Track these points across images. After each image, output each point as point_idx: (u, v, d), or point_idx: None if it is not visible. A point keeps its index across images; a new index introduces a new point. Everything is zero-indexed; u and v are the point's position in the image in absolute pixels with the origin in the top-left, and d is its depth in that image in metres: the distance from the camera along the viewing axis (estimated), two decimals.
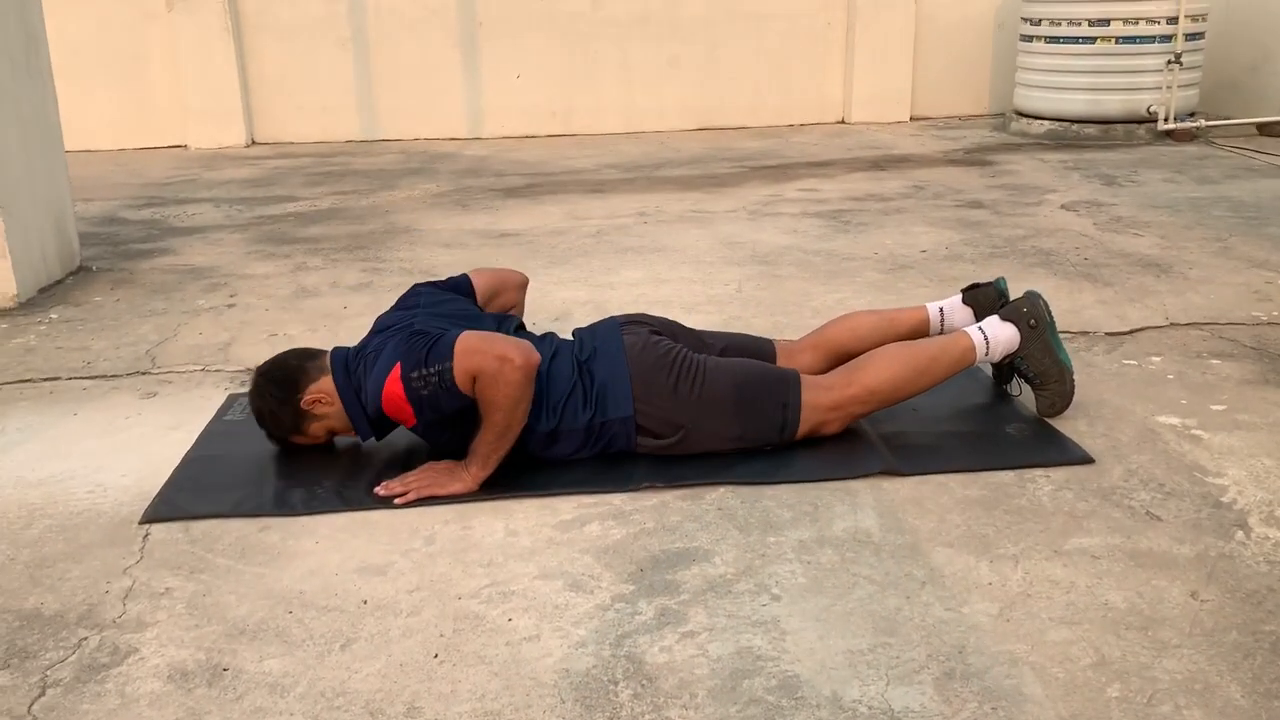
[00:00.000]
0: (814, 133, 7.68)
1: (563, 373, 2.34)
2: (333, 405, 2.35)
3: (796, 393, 2.38)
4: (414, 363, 2.19)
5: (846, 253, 4.20)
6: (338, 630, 1.79)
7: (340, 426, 2.39)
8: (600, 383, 2.34)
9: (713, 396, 2.34)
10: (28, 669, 1.70)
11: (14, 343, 3.34)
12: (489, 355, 2.15)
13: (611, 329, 2.47)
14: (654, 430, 2.34)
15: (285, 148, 7.55)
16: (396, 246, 4.49)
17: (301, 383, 2.36)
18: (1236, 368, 2.85)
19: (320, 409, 2.35)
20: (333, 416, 2.36)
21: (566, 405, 2.31)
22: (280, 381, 2.38)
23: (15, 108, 3.72)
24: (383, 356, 2.25)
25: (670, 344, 2.42)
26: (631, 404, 2.32)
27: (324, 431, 2.40)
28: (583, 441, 2.34)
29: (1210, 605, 1.80)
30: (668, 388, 2.33)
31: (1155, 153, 6.35)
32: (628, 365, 2.35)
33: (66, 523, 2.17)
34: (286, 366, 2.41)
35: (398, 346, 2.24)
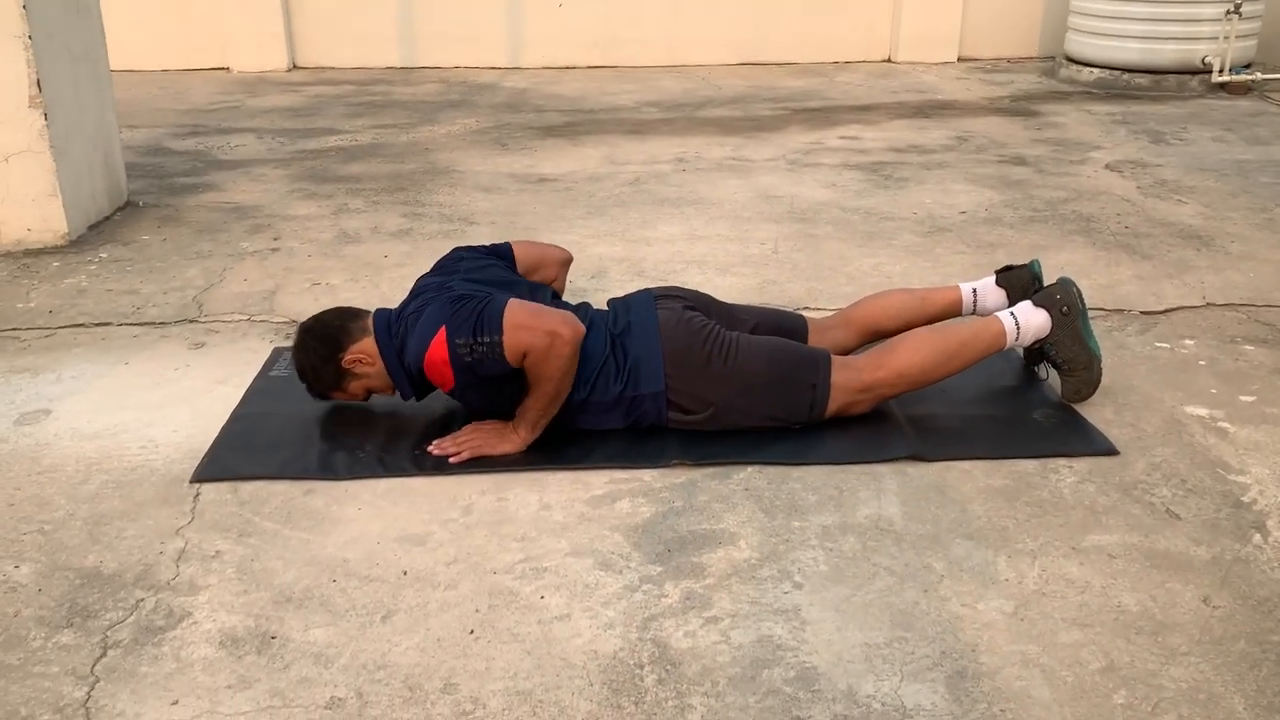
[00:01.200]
0: (859, 72, 7.57)
1: (596, 346, 2.39)
2: (373, 365, 2.41)
3: (826, 373, 2.42)
4: (460, 329, 2.24)
5: (885, 211, 4.19)
6: (379, 601, 1.88)
7: (379, 386, 2.46)
8: (633, 357, 2.39)
9: (744, 374, 2.39)
10: (90, 629, 1.81)
11: (66, 283, 3.43)
12: (539, 331, 2.21)
13: (646, 302, 2.51)
14: (685, 406, 2.39)
15: (326, 73, 7.54)
16: (436, 189, 4.53)
17: (344, 342, 2.42)
18: (1269, 355, 2.85)
19: (361, 368, 2.41)
20: (373, 376, 2.43)
21: (599, 378, 2.37)
22: (324, 339, 2.43)
23: (66, 47, 3.76)
24: (424, 319, 2.30)
25: (704, 320, 2.46)
26: (663, 379, 2.37)
27: (363, 390, 2.47)
28: (613, 413, 2.40)
29: (1221, 612, 1.85)
30: (700, 364, 2.38)
31: (1207, 107, 6.22)
32: (661, 341, 2.40)
33: (122, 479, 2.27)
34: (330, 325, 2.46)
35: (442, 310, 2.29)
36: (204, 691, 1.67)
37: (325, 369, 2.44)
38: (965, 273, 3.48)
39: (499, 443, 2.32)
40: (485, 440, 2.33)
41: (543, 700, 1.65)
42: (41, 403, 2.61)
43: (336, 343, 2.42)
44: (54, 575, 1.95)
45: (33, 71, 3.54)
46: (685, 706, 1.64)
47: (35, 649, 1.76)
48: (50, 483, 2.26)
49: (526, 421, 2.32)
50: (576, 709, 1.63)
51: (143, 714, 1.62)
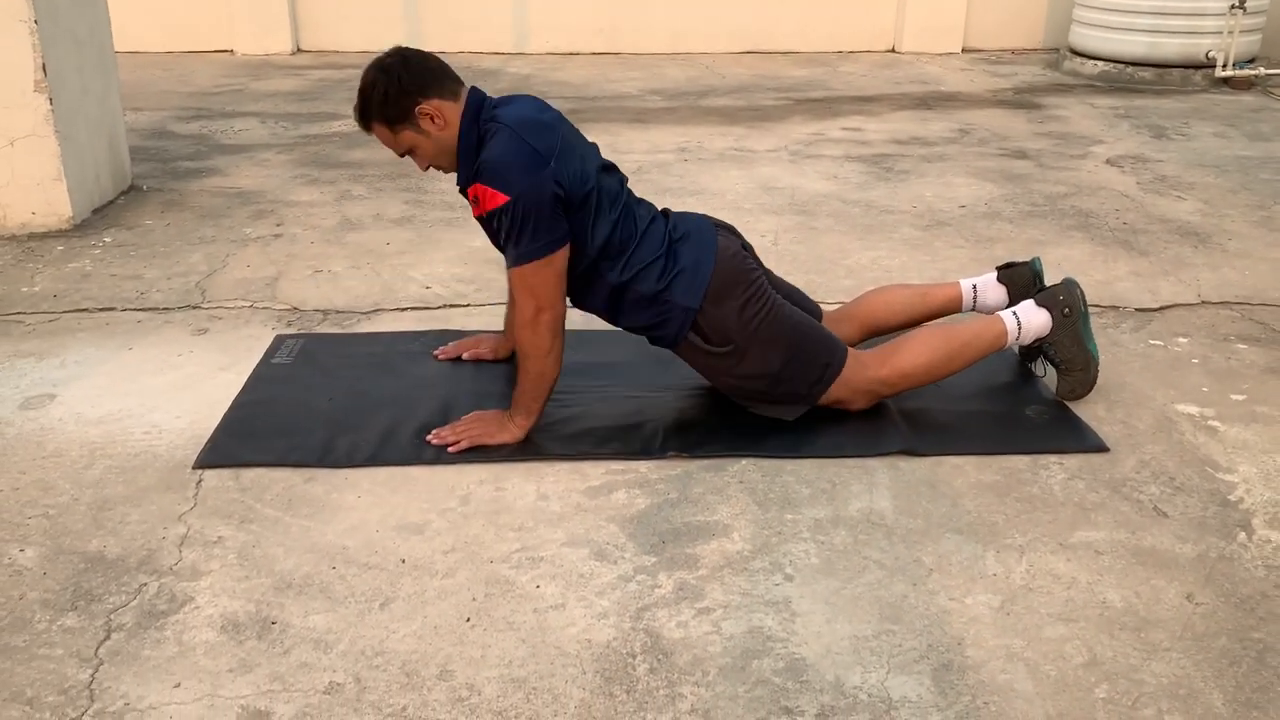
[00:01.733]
0: (863, 62, 7.57)
1: (653, 241, 2.38)
2: (443, 130, 2.26)
3: (841, 361, 2.44)
4: (513, 216, 2.19)
5: (885, 204, 4.21)
6: (377, 589, 1.92)
7: (427, 153, 2.31)
8: (681, 266, 2.37)
9: (771, 330, 2.39)
10: (93, 612, 1.85)
11: (70, 267, 3.46)
12: (535, 296, 2.25)
13: (708, 224, 2.49)
14: (707, 334, 2.39)
15: (330, 57, 7.55)
16: (438, 176, 4.53)
17: (432, 88, 2.24)
18: (1262, 354, 2.88)
19: (428, 124, 2.25)
20: (431, 142, 2.28)
21: (645, 270, 2.35)
22: (419, 73, 2.25)
23: (71, 31, 3.78)
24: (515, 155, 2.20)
25: (755, 265, 2.48)
26: (701, 299, 2.36)
27: (408, 145, 2.30)
28: (640, 307, 2.38)
29: (1204, 609, 1.88)
30: (737, 303, 2.38)
31: (1210, 102, 6.22)
32: (714, 265, 2.38)
33: (125, 464, 2.31)
34: (430, 66, 2.28)
35: (527, 176, 2.19)
36: (205, 675, 1.70)
37: (400, 101, 2.23)
38: (964, 267, 3.50)
39: (497, 432, 2.36)
40: (484, 430, 2.36)
41: (536, 688, 1.69)
42: (46, 387, 2.64)
43: (426, 85, 2.24)
44: (58, 559, 1.99)
45: (38, 56, 3.56)
46: (676, 695, 1.67)
47: (40, 631, 1.80)
48: (55, 467, 2.29)
49: (520, 408, 2.36)
50: (569, 697, 1.67)
51: (145, 696, 1.66)
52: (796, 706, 1.65)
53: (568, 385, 2.53)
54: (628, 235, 2.37)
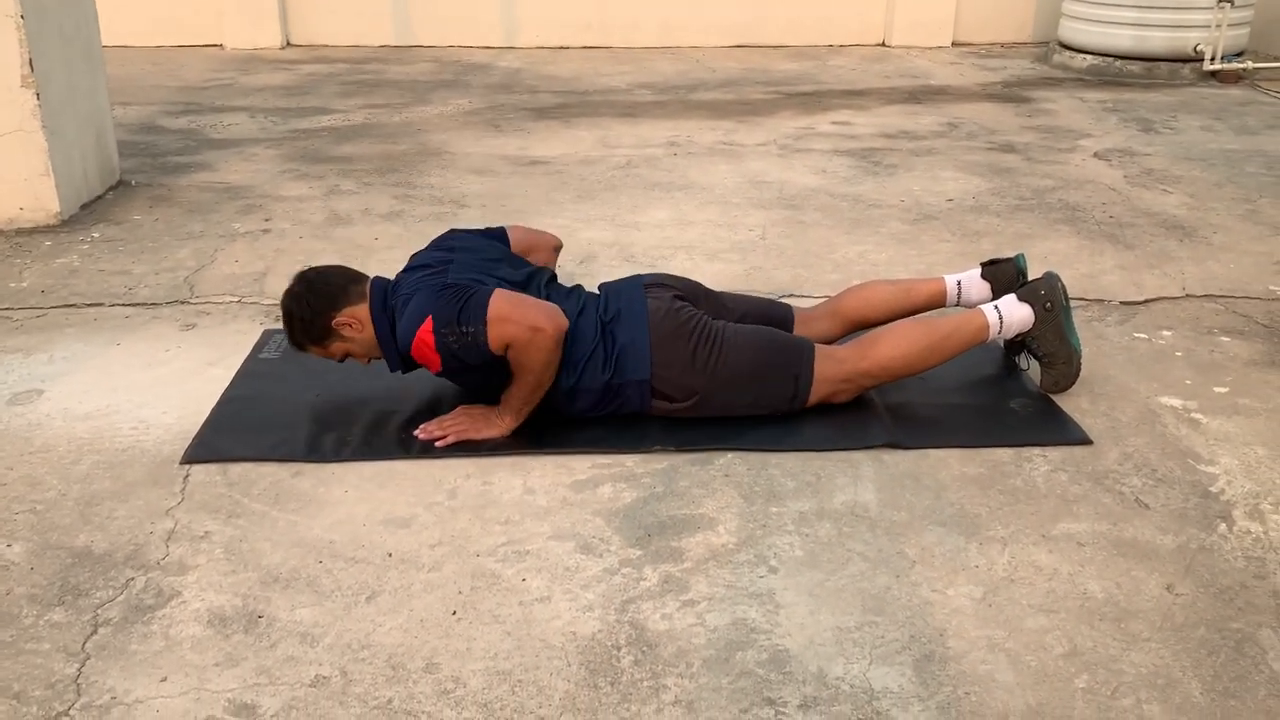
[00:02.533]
0: (852, 55, 7.58)
1: (586, 332, 2.43)
2: (362, 332, 2.39)
3: (810, 364, 2.46)
4: (446, 319, 2.27)
5: (873, 198, 4.22)
6: (364, 582, 1.93)
7: (360, 353, 2.44)
8: (621, 345, 2.42)
9: (728, 365, 2.42)
10: (80, 607, 1.85)
11: (58, 262, 3.46)
12: (521, 325, 2.25)
13: (636, 290, 2.53)
14: (668, 394, 2.43)
15: (320, 51, 7.54)
16: (428, 171, 4.55)
17: (340, 301, 2.39)
18: (1245, 347, 2.90)
19: (348, 331, 2.39)
20: (357, 342, 2.41)
21: (587, 364, 2.41)
22: (321, 294, 2.40)
23: (58, 26, 3.77)
24: (413, 304, 2.33)
25: (691, 311, 2.49)
26: (649, 368, 2.41)
27: (341, 353, 2.44)
28: (598, 400, 2.44)
29: (1184, 599, 1.90)
30: (686, 355, 2.42)
31: (1198, 95, 6.25)
32: (649, 330, 2.43)
33: (113, 460, 2.31)
34: (331, 282, 2.43)
35: (430, 299, 2.31)
36: (192, 669, 1.71)
37: (315, 323, 2.40)
38: (950, 261, 3.52)
39: (484, 428, 2.37)
40: (471, 425, 2.37)
41: (521, 680, 1.70)
42: (34, 383, 2.65)
43: (333, 300, 2.39)
44: (46, 554, 2.00)
45: (25, 51, 3.56)
46: (660, 687, 1.69)
47: (27, 626, 1.81)
48: (42, 463, 2.30)
49: (511, 409, 2.37)
50: (554, 689, 1.68)
51: (132, 690, 1.67)
52: (779, 698, 1.67)
53: None
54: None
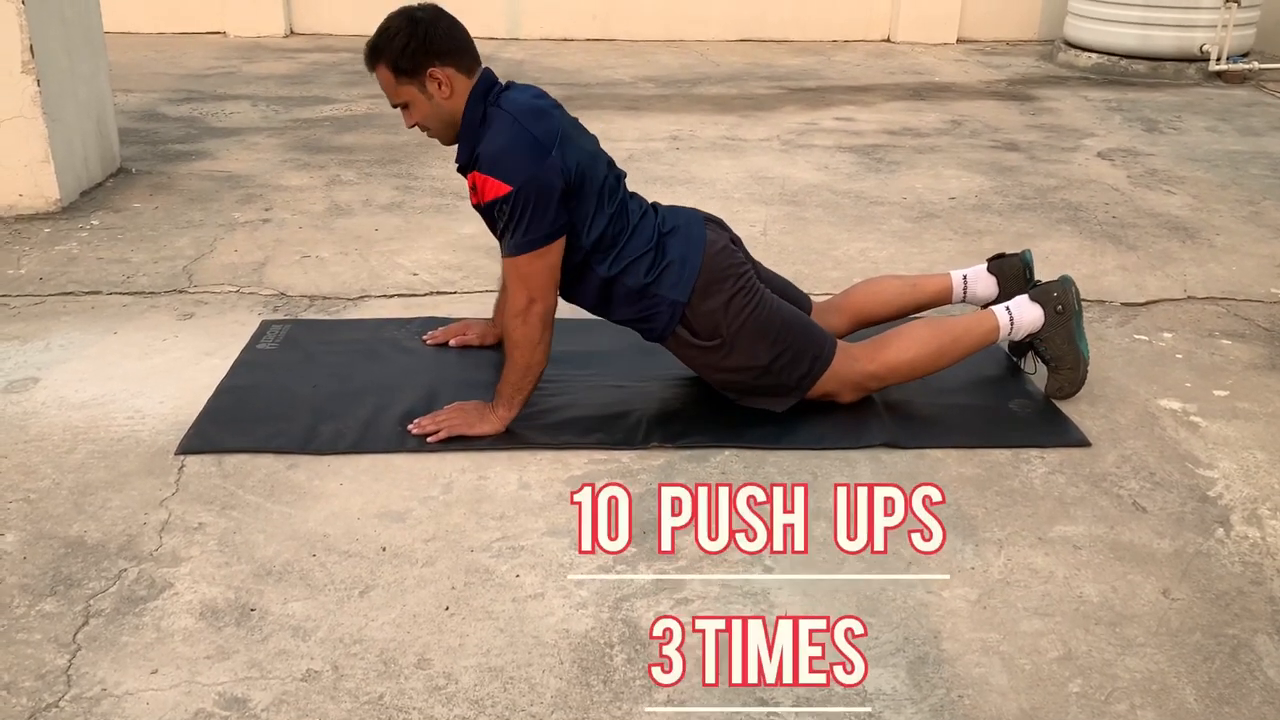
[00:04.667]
0: (857, 51, 7.56)
1: (643, 235, 2.39)
2: (448, 99, 2.27)
3: (830, 355, 2.44)
4: (513, 206, 2.20)
5: (875, 195, 4.21)
6: (357, 576, 1.92)
7: (423, 116, 2.30)
8: (669, 260, 2.38)
9: (759, 324, 2.39)
10: (72, 597, 1.85)
11: (57, 249, 3.45)
12: (528, 285, 2.26)
13: (696, 218, 2.49)
14: (695, 328, 2.40)
15: (323, 40, 7.52)
16: (429, 162, 4.53)
17: (452, 57, 2.25)
18: (1246, 350, 2.89)
19: (434, 89, 2.25)
20: (432, 104, 2.28)
21: (634, 263, 2.36)
22: (444, 36, 2.25)
23: (59, 12, 3.76)
24: (517, 146, 2.21)
25: (742, 259, 2.48)
26: (689, 293, 2.37)
27: (405, 99, 2.28)
28: (627, 301, 2.39)
29: (1180, 604, 1.90)
30: (725, 296, 2.38)
31: (1203, 95, 6.22)
32: (702, 259, 2.39)
33: (108, 449, 2.30)
34: (457, 35, 2.28)
35: (529, 166, 2.20)
36: (183, 661, 1.71)
37: (417, 55, 2.23)
38: (952, 260, 3.51)
39: (478, 423, 2.36)
40: (464, 420, 2.36)
41: (514, 677, 1.69)
42: (30, 371, 2.64)
43: (447, 50, 2.24)
44: (38, 544, 1.99)
45: (25, 37, 3.54)
46: (651, 686, 1.68)
47: (18, 616, 1.80)
48: (37, 451, 2.29)
49: (503, 399, 2.36)
50: (546, 686, 1.68)
51: (123, 682, 1.66)
52: (772, 698, 1.66)
53: (553, 374, 2.53)
54: (620, 229, 2.37)
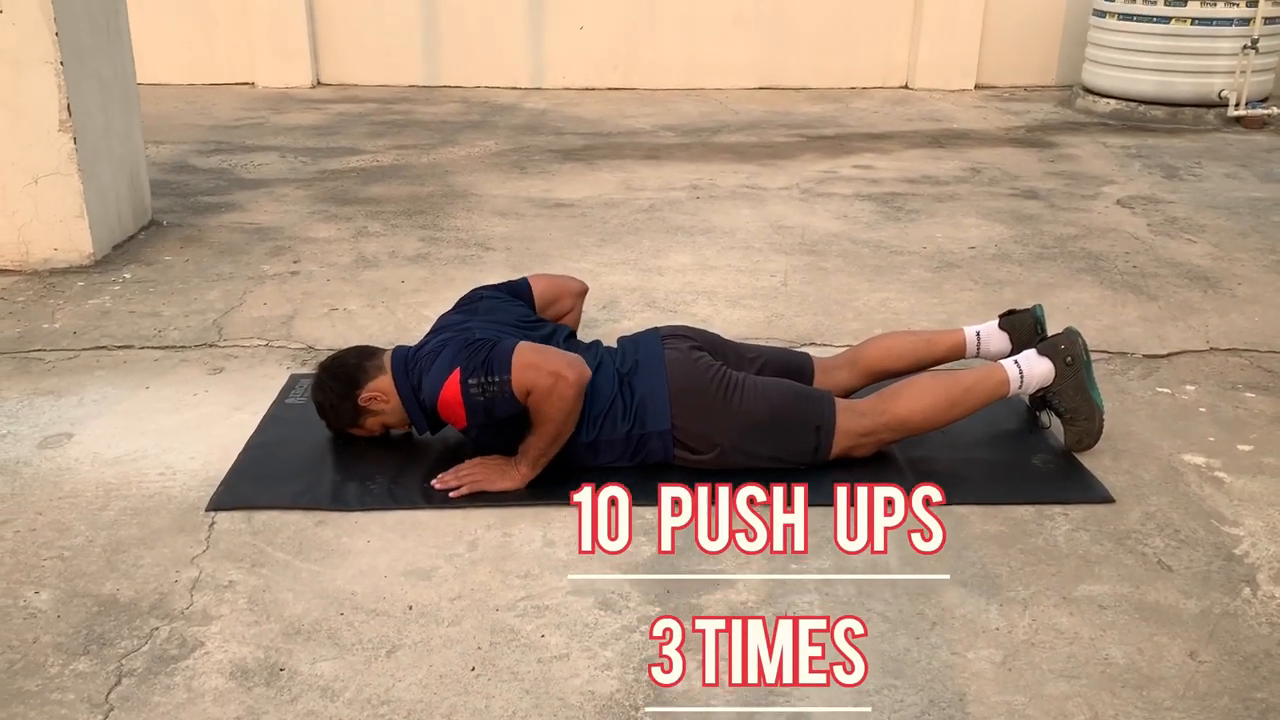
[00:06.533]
0: (875, 98, 7.62)
1: (604, 386, 2.46)
2: (389, 402, 2.50)
3: (831, 416, 2.46)
4: (472, 370, 2.32)
5: (895, 245, 4.23)
6: (384, 636, 1.94)
7: (394, 422, 2.55)
8: (640, 396, 2.45)
9: (748, 416, 2.44)
10: (105, 657, 1.87)
11: (90, 303, 3.51)
12: (544, 371, 2.28)
13: (653, 342, 2.56)
14: (691, 445, 2.45)
15: (349, 90, 7.65)
16: (454, 213, 4.60)
17: (361, 380, 2.51)
18: (1270, 403, 2.89)
19: (377, 405, 2.51)
20: (388, 413, 2.52)
21: (606, 417, 2.43)
22: (341, 379, 2.53)
23: (96, 72, 3.85)
24: (440, 359, 2.38)
25: (710, 361, 2.52)
26: (669, 418, 2.43)
27: (379, 426, 2.56)
28: (621, 451, 2.46)
29: (1207, 667, 1.89)
30: (705, 404, 2.44)
31: (1222, 141, 6.24)
32: (668, 380, 2.45)
33: (140, 505, 2.34)
34: (347, 364, 2.56)
35: (457, 352, 2.37)
36: None
37: (343, 406, 2.53)
38: (972, 310, 3.53)
39: (499, 479, 2.38)
40: (486, 475, 2.39)
41: None
42: (64, 426, 2.69)
43: (354, 381, 2.52)
44: (72, 602, 2.02)
45: (63, 96, 3.63)
46: None
47: (53, 675, 1.83)
48: (70, 508, 2.33)
49: (528, 459, 2.38)
50: None
51: None
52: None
53: None
54: None
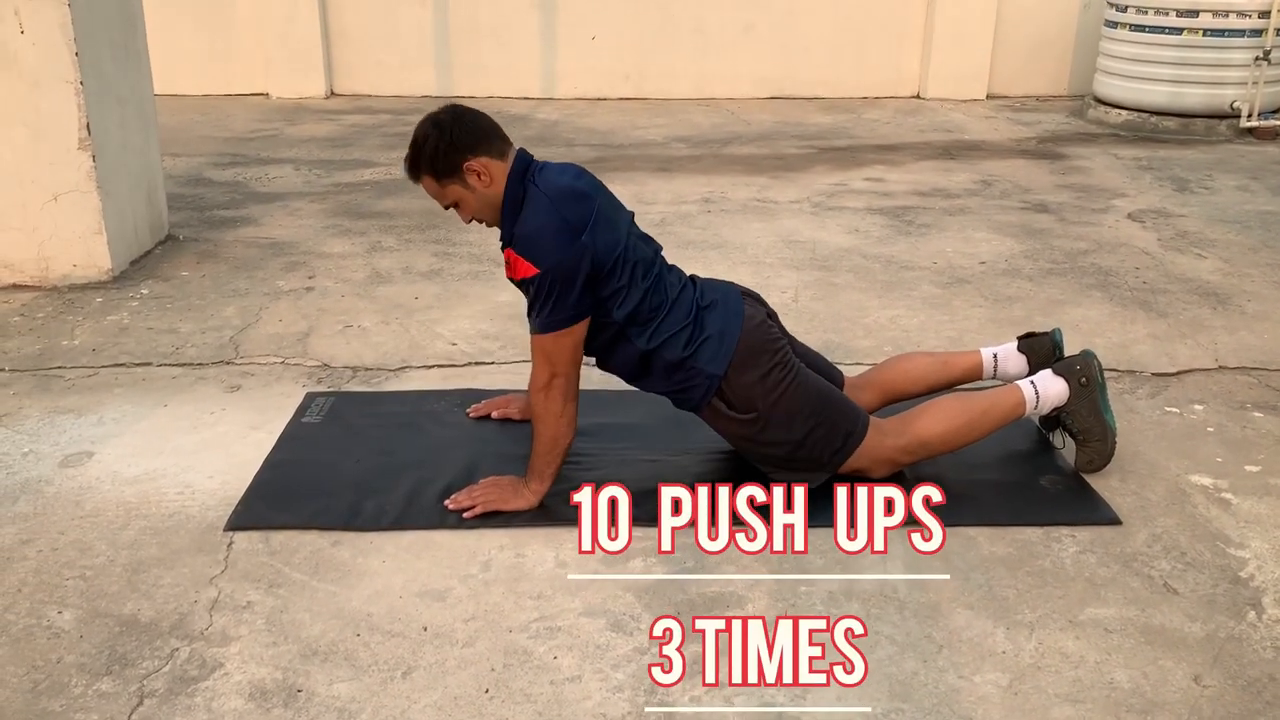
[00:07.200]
0: (887, 108, 7.64)
1: (682, 308, 2.45)
2: (489, 187, 2.35)
3: (863, 431, 2.49)
4: (540, 284, 2.28)
5: (906, 259, 4.26)
6: (400, 657, 1.98)
7: (471, 207, 2.39)
8: (708, 334, 2.44)
9: (794, 399, 2.45)
10: (127, 677, 1.91)
11: (109, 320, 3.56)
12: (552, 362, 2.35)
13: (734, 292, 2.56)
14: (731, 401, 2.45)
15: (363, 101, 7.71)
16: (466, 229, 4.63)
17: (482, 146, 2.34)
18: (1277, 423, 2.90)
19: (474, 180, 2.34)
20: (476, 195, 2.36)
21: (672, 337, 2.43)
22: (469, 129, 2.34)
23: (114, 91, 3.91)
24: (550, 228, 2.29)
25: (780, 333, 2.54)
26: (726, 366, 2.42)
27: (453, 199, 2.39)
28: (667, 373, 2.45)
29: (1211, 691, 1.91)
30: (761, 370, 2.44)
31: (1234, 152, 6.24)
32: (740, 332, 2.45)
33: (159, 525, 2.38)
34: (481, 125, 2.37)
35: (558, 248, 2.27)
36: None
37: (450, 157, 2.33)
38: (982, 327, 3.55)
39: (512, 498, 2.42)
40: (499, 496, 2.43)
41: None
42: (84, 445, 2.73)
43: (477, 142, 2.34)
44: (94, 622, 2.06)
45: (83, 115, 3.69)
46: None
47: (76, 696, 1.87)
48: (92, 528, 2.37)
49: (535, 474, 2.42)
50: None
51: None
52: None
53: (587, 448, 2.61)
54: (658, 303, 2.43)
